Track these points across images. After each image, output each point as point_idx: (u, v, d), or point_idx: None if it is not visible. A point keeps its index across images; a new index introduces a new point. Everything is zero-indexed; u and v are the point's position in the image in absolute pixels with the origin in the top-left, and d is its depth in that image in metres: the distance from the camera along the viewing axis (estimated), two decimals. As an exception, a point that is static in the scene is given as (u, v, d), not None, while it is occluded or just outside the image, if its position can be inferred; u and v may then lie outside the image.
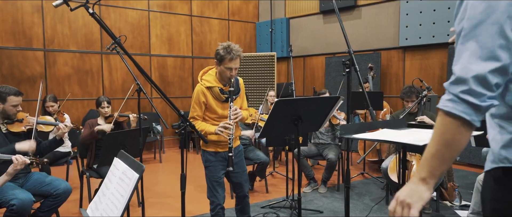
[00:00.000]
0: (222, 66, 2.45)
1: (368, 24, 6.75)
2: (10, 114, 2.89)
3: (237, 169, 2.70)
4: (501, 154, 1.03)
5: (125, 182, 1.54)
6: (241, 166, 2.74)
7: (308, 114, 2.14)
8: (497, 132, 1.06)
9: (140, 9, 7.12)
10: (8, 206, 2.58)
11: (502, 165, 1.03)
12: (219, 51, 2.45)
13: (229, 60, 2.40)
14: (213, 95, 2.51)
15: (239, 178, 2.72)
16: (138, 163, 1.53)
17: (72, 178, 4.71)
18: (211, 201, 2.65)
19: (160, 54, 7.40)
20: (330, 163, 4.24)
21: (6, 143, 2.88)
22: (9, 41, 5.96)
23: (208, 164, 2.62)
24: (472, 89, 0.93)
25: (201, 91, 2.50)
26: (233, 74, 2.46)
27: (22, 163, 2.49)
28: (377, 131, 1.51)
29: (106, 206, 1.58)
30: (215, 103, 2.53)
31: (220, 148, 2.62)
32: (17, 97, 2.87)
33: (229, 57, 2.39)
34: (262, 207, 3.83)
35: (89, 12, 1.42)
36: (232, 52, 2.39)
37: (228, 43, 2.44)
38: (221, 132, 2.38)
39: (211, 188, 2.62)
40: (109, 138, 3.01)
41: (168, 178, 5.27)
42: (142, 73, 1.75)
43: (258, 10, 8.75)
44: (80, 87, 6.61)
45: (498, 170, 1.04)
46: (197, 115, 2.52)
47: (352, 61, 1.90)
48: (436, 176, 1.01)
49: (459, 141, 0.97)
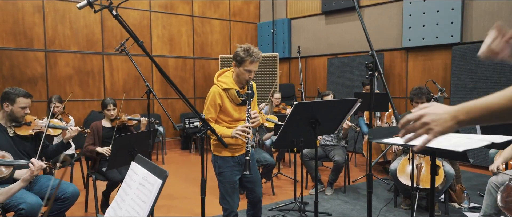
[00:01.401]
0: (241, 68, 2.39)
1: (371, 25, 6.74)
2: (18, 116, 2.83)
3: (253, 173, 2.63)
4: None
5: (146, 187, 1.51)
6: (254, 170, 2.67)
7: (326, 116, 2.12)
8: None
9: (141, 10, 7.07)
10: (16, 210, 2.53)
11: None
12: (239, 52, 2.39)
13: (249, 63, 2.36)
14: (230, 97, 2.45)
15: (253, 182, 2.65)
16: (160, 168, 1.50)
17: (75, 180, 4.65)
18: (224, 208, 2.56)
19: (161, 55, 7.35)
20: (336, 165, 4.22)
21: (12, 146, 2.82)
22: (10, 42, 5.88)
23: (222, 170, 2.53)
24: None
25: (218, 93, 2.42)
26: (252, 77, 2.41)
27: (39, 168, 2.38)
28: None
29: (126, 212, 1.54)
30: (231, 106, 2.47)
31: (234, 152, 2.55)
32: (26, 99, 2.82)
33: (250, 60, 2.35)
34: (270, 209, 3.80)
35: (113, 14, 1.39)
36: (253, 54, 2.36)
37: (248, 45, 2.39)
38: (239, 135, 2.32)
39: (225, 195, 2.54)
40: (118, 140, 2.96)
41: (171, 180, 5.22)
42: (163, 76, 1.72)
43: (259, 11, 8.72)
44: (81, 88, 6.55)
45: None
46: (211, 117, 2.44)
47: (375, 64, 1.86)
48: (470, 123, 0.98)
49: None
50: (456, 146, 1.19)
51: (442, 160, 3.53)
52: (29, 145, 2.95)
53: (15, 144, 2.86)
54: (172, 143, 7.56)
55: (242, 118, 2.49)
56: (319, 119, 2.07)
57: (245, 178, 2.59)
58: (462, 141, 1.27)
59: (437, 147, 1.20)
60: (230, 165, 2.53)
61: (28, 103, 2.84)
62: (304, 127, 2.09)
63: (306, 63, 7.97)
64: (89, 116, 6.44)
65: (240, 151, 2.56)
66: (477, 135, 1.39)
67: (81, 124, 6.27)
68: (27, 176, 2.34)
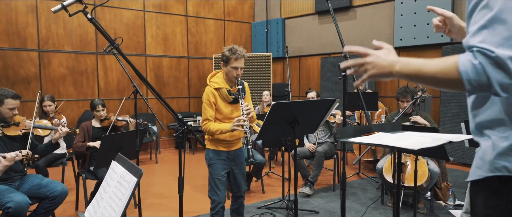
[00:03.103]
0: (228, 67, 2.59)
1: (363, 25, 6.79)
2: (6, 116, 2.87)
3: (238, 170, 2.82)
4: (497, 162, 1.03)
5: (123, 186, 1.55)
6: (242, 167, 2.87)
7: (305, 116, 2.16)
8: (490, 140, 1.06)
9: (135, 10, 7.10)
10: (4, 209, 2.58)
11: (499, 173, 1.03)
12: (224, 53, 2.60)
13: (234, 60, 2.55)
14: (221, 96, 2.63)
15: (239, 178, 2.84)
16: (136, 167, 1.54)
17: (68, 179, 4.69)
18: (212, 200, 2.72)
19: (155, 55, 7.39)
20: (317, 156, 4.25)
21: (1, 146, 2.86)
22: (3, 42, 5.91)
23: (212, 162, 2.71)
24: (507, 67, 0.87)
25: (210, 92, 2.62)
26: (239, 73, 2.59)
27: (11, 160, 2.53)
28: (372, 134, 1.53)
29: (104, 209, 1.59)
30: (223, 105, 2.65)
31: (223, 147, 2.72)
32: (14, 101, 2.86)
33: (235, 57, 2.55)
34: (259, 207, 3.85)
35: (87, 18, 1.43)
36: (237, 52, 2.55)
37: (232, 46, 2.62)
38: (238, 126, 2.47)
39: (213, 186, 2.70)
40: (106, 140, 3.00)
41: (164, 179, 5.27)
42: (139, 76, 1.75)
43: (253, 11, 8.76)
44: (75, 88, 6.58)
45: (494, 178, 1.03)
46: (210, 115, 2.62)
47: (348, 65, 1.91)
48: (401, 74, 1.05)
49: (447, 88, 0.99)
50: (413, 145, 1.24)
51: (426, 158, 3.58)
52: (17, 145, 2.99)
53: (4, 143, 2.90)
54: (166, 142, 7.60)
55: (234, 116, 2.64)
56: (298, 119, 2.12)
57: (232, 173, 2.78)
58: (423, 139, 1.32)
59: (395, 145, 1.25)
60: (221, 158, 2.71)
61: (16, 104, 2.88)
62: (283, 127, 2.14)
63: (299, 62, 8.02)
64: (83, 115, 6.47)
65: (234, 146, 2.75)
66: (439, 134, 1.43)
67: (75, 123, 6.30)
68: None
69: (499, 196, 1.02)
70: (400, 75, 1.06)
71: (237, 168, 2.79)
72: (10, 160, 2.51)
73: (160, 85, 7.48)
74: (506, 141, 1.02)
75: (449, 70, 0.96)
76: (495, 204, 1.03)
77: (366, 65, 1.12)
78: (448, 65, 0.96)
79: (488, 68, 0.90)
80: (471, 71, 0.91)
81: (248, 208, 3.84)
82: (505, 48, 0.89)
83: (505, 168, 1.01)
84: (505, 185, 1.01)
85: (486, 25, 0.93)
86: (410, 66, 1.04)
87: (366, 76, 1.12)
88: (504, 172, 1.01)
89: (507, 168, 1.01)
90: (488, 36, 0.92)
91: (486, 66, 0.90)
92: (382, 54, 1.11)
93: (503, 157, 1.01)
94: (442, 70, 0.97)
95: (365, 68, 1.12)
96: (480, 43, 0.92)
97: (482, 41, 0.92)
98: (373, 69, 1.10)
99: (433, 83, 1.01)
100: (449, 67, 0.96)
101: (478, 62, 0.91)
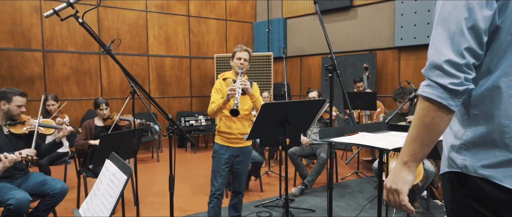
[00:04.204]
0: (234, 59, 2.91)
1: (364, 25, 6.80)
2: (14, 114, 2.96)
3: (242, 167, 2.96)
4: (451, 159, 1.09)
5: (114, 183, 1.61)
6: (246, 165, 3.00)
7: (295, 116, 2.20)
8: (446, 137, 1.12)
9: (137, 10, 7.18)
10: (5, 206, 2.66)
11: (453, 170, 1.08)
12: (233, 50, 2.96)
13: (238, 52, 2.89)
14: (227, 85, 2.84)
15: (242, 176, 2.99)
16: (127, 165, 1.60)
17: (70, 177, 4.78)
18: (212, 183, 2.91)
19: (158, 55, 7.47)
20: (321, 162, 4.28)
21: (7, 144, 2.95)
22: (8, 42, 6.03)
23: (215, 155, 2.92)
24: (447, 73, 0.97)
25: (218, 82, 2.94)
26: (243, 63, 2.85)
27: (11, 161, 2.63)
28: (355, 134, 1.57)
29: (96, 206, 1.65)
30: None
31: (230, 143, 2.89)
32: (22, 98, 2.96)
33: (239, 50, 2.90)
34: (256, 206, 3.90)
35: (79, 22, 1.49)
36: (241, 46, 2.93)
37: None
38: (230, 92, 2.64)
39: (215, 173, 2.90)
40: (105, 139, 3.07)
41: (165, 177, 5.33)
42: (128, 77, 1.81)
43: (255, 10, 8.80)
44: (79, 88, 6.68)
45: (451, 174, 1.09)
46: (215, 98, 2.83)
47: (334, 66, 1.96)
48: (417, 159, 1.07)
49: (438, 125, 1.01)
50: (389, 145, 1.28)
51: (422, 158, 3.60)
52: (22, 143, 3.07)
53: (10, 141, 2.99)
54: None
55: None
56: (288, 119, 2.16)
57: (235, 168, 2.94)
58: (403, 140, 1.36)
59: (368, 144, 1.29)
60: (225, 153, 2.87)
61: (24, 102, 2.98)
62: (274, 126, 2.18)
63: (301, 62, 8.05)
64: (86, 114, 6.58)
65: (240, 143, 2.91)
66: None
67: (78, 122, 6.40)
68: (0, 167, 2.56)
69: (458, 191, 1.07)
70: (412, 158, 1.08)
71: (241, 165, 2.93)
72: (10, 161, 2.61)
73: (162, 85, 7.56)
74: (458, 139, 1.07)
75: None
76: (456, 198, 1.09)
77: (393, 190, 1.12)
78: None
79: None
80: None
81: (246, 206, 3.90)
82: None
83: (456, 164, 1.06)
84: (460, 181, 1.06)
85: None
86: (405, 148, 1.08)
87: (404, 195, 1.11)
88: (455, 168, 1.06)
89: (457, 164, 1.06)
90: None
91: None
92: (391, 173, 1.13)
93: (456, 154, 1.07)
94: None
95: (396, 190, 1.11)
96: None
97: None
98: (399, 184, 1.11)
99: (431, 132, 1.04)
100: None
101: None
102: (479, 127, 1.04)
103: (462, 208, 1.08)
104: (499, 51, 1.00)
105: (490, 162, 1.02)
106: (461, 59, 0.97)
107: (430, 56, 1.02)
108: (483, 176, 1.03)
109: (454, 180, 1.09)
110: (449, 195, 1.11)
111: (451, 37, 0.98)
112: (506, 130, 1.00)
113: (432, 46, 1.03)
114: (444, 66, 0.98)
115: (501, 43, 1.00)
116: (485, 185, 1.03)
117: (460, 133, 1.07)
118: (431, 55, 1.02)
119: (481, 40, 0.98)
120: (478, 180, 1.04)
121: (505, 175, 1.00)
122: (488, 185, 1.02)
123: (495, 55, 1.01)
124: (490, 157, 1.02)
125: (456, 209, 1.09)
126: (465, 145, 1.06)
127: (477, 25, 0.96)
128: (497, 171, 1.01)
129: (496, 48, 1.01)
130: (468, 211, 1.06)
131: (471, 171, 1.05)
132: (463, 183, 1.07)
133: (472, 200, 1.05)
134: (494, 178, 1.01)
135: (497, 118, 1.01)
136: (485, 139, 1.03)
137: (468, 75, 0.98)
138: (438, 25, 1.02)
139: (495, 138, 1.02)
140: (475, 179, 1.04)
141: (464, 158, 1.06)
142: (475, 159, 1.04)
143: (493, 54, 1.01)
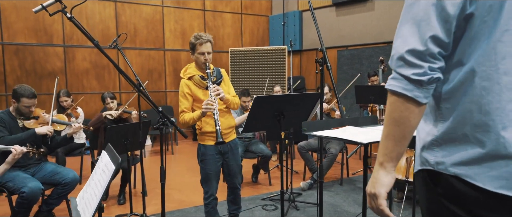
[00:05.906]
0: (196, 54, 2.59)
1: (381, 17, 6.63)
2: (24, 112, 3.10)
3: (232, 162, 2.78)
4: (422, 156, 1.05)
5: (105, 173, 1.67)
6: (236, 159, 2.82)
7: (291, 110, 2.20)
8: (419, 134, 1.08)
9: (154, 5, 7.31)
10: (19, 193, 2.82)
11: (425, 167, 1.04)
12: (190, 41, 2.62)
13: (199, 45, 2.55)
14: (196, 84, 2.61)
15: (233, 170, 2.81)
16: (117, 156, 1.66)
17: (86, 168, 4.96)
18: (205, 191, 2.75)
19: (174, 49, 7.59)
20: (331, 157, 4.23)
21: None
22: (32, 38, 6.30)
23: (204, 158, 2.70)
24: (409, 63, 0.93)
25: (184, 84, 2.63)
26: (207, 58, 2.56)
27: (20, 153, 2.75)
28: (340, 128, 1.55)
29: (89, 195, 1.72)
30: (201, 92, 2.61)
31: (214, 141, 2.65)
32: (30, 100, 3.04)
33: (199, 43, 2.54)
34: (263, 199, 3.93)
35: (67, 17, 1.54)
36: (202, 37, 2.56)
37: (196, 33, 2.63)
38: (207, 109, 2.43)
39: (206, 179, 2.72)
40: (112, 131, 3.18)
41: (178, 169, 5.45)
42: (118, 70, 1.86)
43: (271, 4, 8.75)
44: (98, 82, 6.90)
45: (424, 172, 1.05)
46: (185, 107, 2.62)
47: (324, 59, 1.93)
48: (392, 158, 1.02)
49: (407, 118, 0.96)
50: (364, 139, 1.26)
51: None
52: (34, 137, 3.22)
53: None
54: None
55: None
56: (284, 112, 2.16)
57: (226, 165, 2.75)
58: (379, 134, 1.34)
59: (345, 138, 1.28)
60: (212, 153, 2.67)
61: (32, 103, 3.07)
62: (269, 120, 2.18)
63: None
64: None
65: (227, 138, 2.70)
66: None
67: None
68: (9, 158, 2.72)
69: (432, 190, 1.04)
70: (392, 158, 1.03)
71: (231, 159, 2.75)
72: (19, 153, 2.75)
73: (178, 78, 7.67)
74: (428, 135, 1.03)
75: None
76: (430, 197, 1.05)
77: (372, 195, 1.08)
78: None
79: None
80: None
81: (252, 199, 3.93)
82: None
83: (428, 162, 1.02)
84: (433, 179, 1.02)
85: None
86: (381, 145, 1.03)
87: (382, 198, 1.06)
88: (427, 166, 1.02)
89: (429, 162, 1.02)
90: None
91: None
92: (371, 178, 1.09)
93: (426, 151, 1.03)
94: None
95: (374, 194, 1.07)
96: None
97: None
98: (376, 188, 1.06)
99: (402, 127, 0.99)
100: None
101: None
102: (451, 121, 0.99)
103: (437, 207, 1.03)
104: (472, 41, 0.95)
105: (462, 159, 0.97)
106: (424, 48, 0.92)
107: (395, 46, 0.99)
108: (454, 174, 0.98)
109: (427, 178, 1.04)
110: (424, 194, 1.07)
111: (417, 25, 0.94)
112: (479, 124, 0.96)
113: (398, 36, 0.99)
114: (406, 56, 0.94)
115: (474, 32, 0.94)
116: (459, 183, 0.98)
117: (432, 129, 1.03)
118: (395, 46, 0.98)
119: (449, 27, 0.92)
120: (451, 178, 0.99)
121: (477, 173, 0.95)
122: (461, 184, 0.97)
123: (467, 45, 0.95)
124: (462, 153, 0.97)
125: (431, 208, 1.05)
126: (437, 141, 1.01)
127: (445, 11, 0.91)
128: (469, 169, 0.96)
129: (468, 37, 0.95)
130: (443, 211, 1.01)
131: (443, 169, 1.00)
132: (436, 181, 1.02)
133: (446, 199, 1.00)
134: (466, 176, 0.97)
135: (470, 112, 0.97)
136: (457, 134, 0.98)
137: (432, 65, 0.93)
138: (405, 11, 0.98)
139: (467, 132, 0.97)
140: (448, 177, 0.99)
141: (436, 155, 1.01)
142: (447, 155, 0.99)
143: (466, 44, 0.95)
